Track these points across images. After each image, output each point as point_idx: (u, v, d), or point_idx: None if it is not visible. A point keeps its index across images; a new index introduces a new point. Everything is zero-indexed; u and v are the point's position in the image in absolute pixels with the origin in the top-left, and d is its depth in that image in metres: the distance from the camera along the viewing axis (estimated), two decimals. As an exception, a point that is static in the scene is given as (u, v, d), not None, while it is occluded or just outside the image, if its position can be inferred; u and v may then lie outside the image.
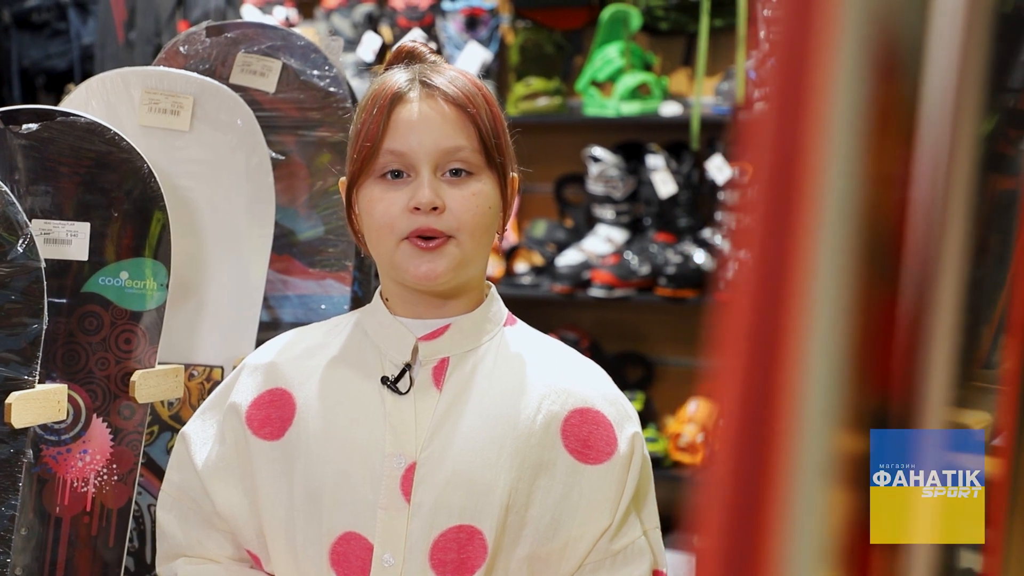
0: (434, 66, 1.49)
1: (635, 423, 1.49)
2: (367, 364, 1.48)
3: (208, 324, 1.90)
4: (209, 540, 1.52)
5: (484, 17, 4.14)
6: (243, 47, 1.98)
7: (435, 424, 1.44)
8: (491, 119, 1.46)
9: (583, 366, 1.52)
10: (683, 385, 3.95)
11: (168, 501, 1.55)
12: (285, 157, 2.00)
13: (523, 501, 1.42)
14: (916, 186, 0.50)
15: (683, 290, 3.79)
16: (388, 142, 1.44)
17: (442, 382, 1.46)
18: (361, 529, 1.42)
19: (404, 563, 1.41)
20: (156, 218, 1.72)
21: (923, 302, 0.49)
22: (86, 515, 1.71)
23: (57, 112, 1.66)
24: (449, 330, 1.48)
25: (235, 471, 1.50)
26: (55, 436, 1.70)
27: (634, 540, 1.46)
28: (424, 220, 1.42)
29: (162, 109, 1.85)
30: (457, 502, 1.41)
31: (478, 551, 1.42)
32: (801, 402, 0.46)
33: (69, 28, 4.27)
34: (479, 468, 1.42)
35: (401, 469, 1.43)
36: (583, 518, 1.44)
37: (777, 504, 0.46)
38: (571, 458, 1.44)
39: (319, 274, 2.02)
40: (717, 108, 3.77)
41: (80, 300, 1.69)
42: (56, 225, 1.68)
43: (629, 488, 1.46)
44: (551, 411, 1.45)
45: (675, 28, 3.95)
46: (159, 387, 1.74)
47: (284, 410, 1.49)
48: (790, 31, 0.49)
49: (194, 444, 1.54)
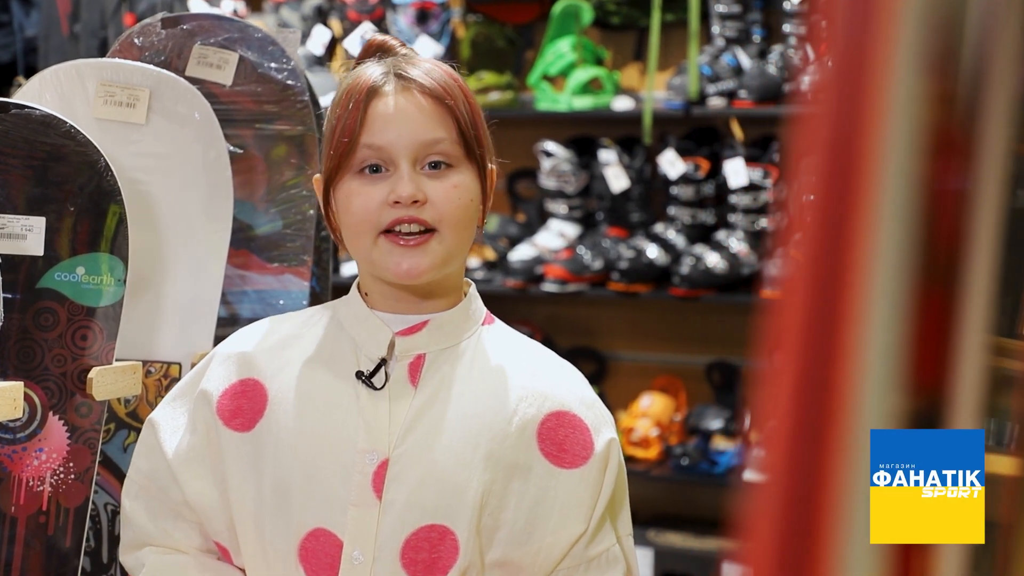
0: (407, 58, 1.47)
1: (612, 428, 1.47)
2: (342, 358, 1.46)
3: (165, 320, 1.87)
4: (176, 530, 1.49)
5: (435, 11, 4.12)
6: (199, 39, 1.95)
7: (409, 421, 1.42)
8: (469, 110, 1.44)
9: (561, 369, 1.50)
10: (636, 380, 3.95)
11: (134, 489, 1.52)
12: (243, 151, 1.97)
13: (496, 503, 1.41)
14: (970, 184, 0.49)
15: (636, 284, 3.79)
16: (365, 136, 1.42)
17: (418, 379, 1.44)
18: (331, 525, 1.41)
19: (374, 561, 1.39)
20: (113, 212, 1.69)
21: (961, 299, 0.48)
22: (42, 514, 1.68)
23: (11, 104, 1.63)
24: (427, 326, 1.46)
25: (205, 461, 1.48)
26: (10, 434, 1.66)
27: (609, 547, 1.45)
28: (405, 212, 1.40)
29: (118, 102, 1.82)
30: (430, 501, 1.40)
31: (450, 551, 1.40)
32: (857, 403, 0.45)
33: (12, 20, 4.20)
34: (452, 467, 1.40)
35: (373, 465, 1.41)
36: (557, 523, 1.42)
37: (832, 507, 0.45)
38: (546, 462, 1.43)
39: (277, 269, 2.00)
40: (669, 103, 3.78)
41: (35, 296, 1.66)
42: (10, 220, 1.64)
43: (605, 494, 1.44)
44: (527, 413, 1.43)
45: (626, 23, 3.95)
46: (117, 384, 1.71)
47: (256, 401, 1.46)
48: (849, 29, 0.48)
49: (163, 431, 1.51)
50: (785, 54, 3.69)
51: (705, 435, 3.84)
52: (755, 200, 3.75)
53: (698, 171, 3.81)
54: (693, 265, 3.70)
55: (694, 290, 3.72)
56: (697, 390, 3.97)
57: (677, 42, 3.90)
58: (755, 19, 3.78)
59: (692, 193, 3.83)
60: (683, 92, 3.73)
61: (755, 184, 3.73)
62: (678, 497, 3.90)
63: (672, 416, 3.92)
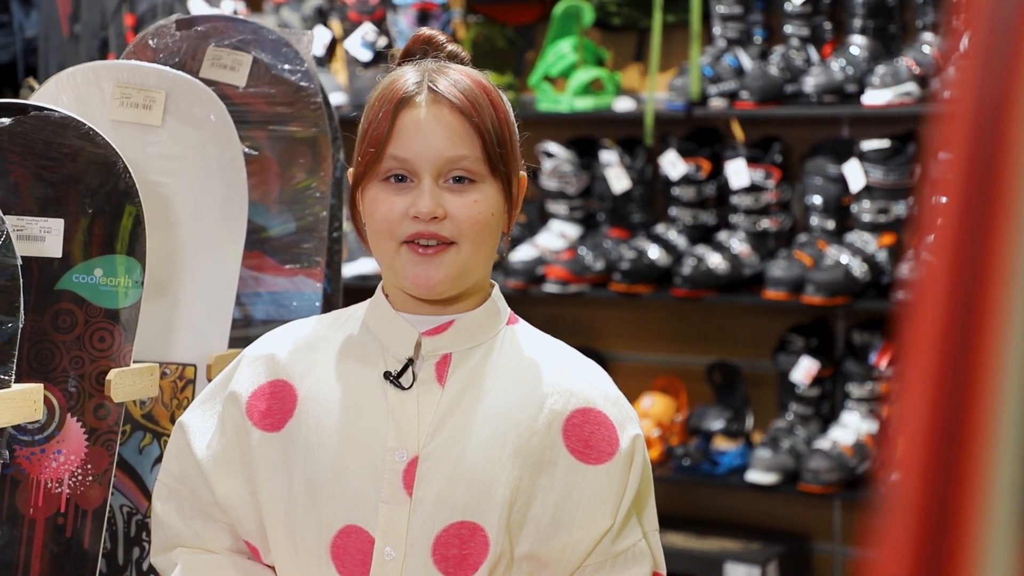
0: (444, 68, 1.47)
1: (636, 424, 1.49)
2: (369, 358, 1.48)
3: (181, 321, 1.87)
4: (207, 531, 1.51)
5: (436, 11, 4.12)
6: (213, 41, 1.95)
7: (438, 420, 1.44)
8: (496, 126, 1.45)
9: (585, 366, 1.52)
10: (637, 380, 3.96)
11: (165, 492, 1.54)
12: (257, 152, 1.97)
13: (525, 499, 1.43)
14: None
15: (637, 285, 3.80)
16: (392, 147, 1.44)
17: (445, 378, 1.46)
18: (362, 522, 1.43)
19: (406, 557, 1.42)
20: (129, 213, 1.69)
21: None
22: (60, 516, 1.68)
23: (30, 106, 1.63)
24: (453, 326, 1.48)
25: (236, 461, 1.50)
26: (28, 436, 1.66)
27: (635, 543, 1.47)
28: (424, 227, 1.43)
29: (134, 104, 1.82)
30: (459, 498, 1.42)
31: (480, 548, 1.42)
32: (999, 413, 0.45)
33: (12, 20, 4.19)
34: (482, 465, 1.43)
35: (403, 463, 1.43)
36: (583, 519, 1.44)
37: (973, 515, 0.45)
38: (572, 458, 1.45)
39: (291, 271, 2.00)
40: (670, 104, 3.79)
41: (53, 298, 1.66)
42: (29, 221, 1.64)
43: (630, 490, 1.46)
44: (553, 410, 1.46)
45: (627, 24, 3.95)
46: (135, 386, 1.71)
47: (285, 402, 1.49)
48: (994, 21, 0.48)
49: (193, 433, 1.53)
50: (786, 55, 3.70)
51: (706, 435, 3.84)
52: (756, 201, 3.76)
53: (699, 172, 3.82)
54: (695, 266, 3.71)
55: (696, 291, 3.72)
56: (698, 391, 3.98)
57: (678, 43, 3.90)
58: (756, 20, 3.79)
59: (693, 194, 3.84)
60: (684, 93, 3.74)
61: (756, 185, 3.74)
62: (679, 497, 3.91)
63: (673, 417, 3.93)
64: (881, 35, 3.62)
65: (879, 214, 3.59)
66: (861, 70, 3.57)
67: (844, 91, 3.57)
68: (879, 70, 3.51)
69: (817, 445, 3.61)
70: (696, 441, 3.85)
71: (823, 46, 3.72)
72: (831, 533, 3.84)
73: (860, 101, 3.54)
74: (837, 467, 3.54)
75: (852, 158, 3.60)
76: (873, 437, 3.63)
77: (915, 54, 3.53)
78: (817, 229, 3.69)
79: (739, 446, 3.83)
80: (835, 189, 3.65)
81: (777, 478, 3.63)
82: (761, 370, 3.89)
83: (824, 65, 3.60)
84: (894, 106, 3.49)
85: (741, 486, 3.71)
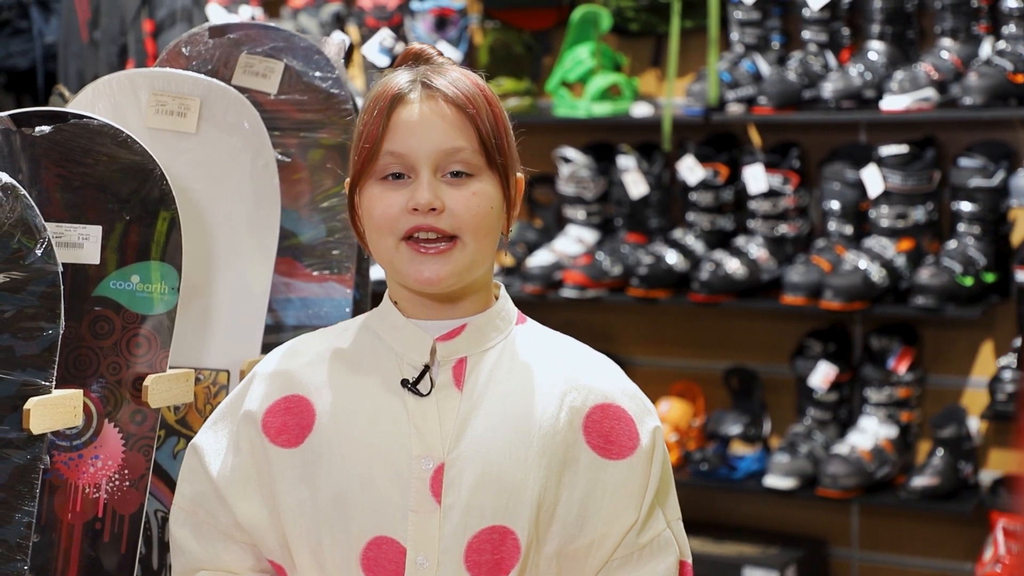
0: (438, 67, 1.48)
1: (654, 417, 1.51)
2: (384, 368, 1.48)
3: (214, 327, 1.88)
4: (227, 553, 1.50)
5: (453, 17, 4.13)
6: (246, 48, 1.96)
7: (460, 424, 1.44)
8: (492, 120, 1.46)
9: (599, 361, 1.53)
10: (654, 385, 3.96)
11: (182, 516, 1.53)
12: (288, 159, 1.99)
13: (552, 499, 1.43)
14: None
15: (655, 290, 3.81)
16: (388, 144, 1.44)
17: (462, 382, 1.46)
18: (392, 532, 1.42)
19: (439, 565, 1.41)
20: (163, 219, 1.70)
21: None
22: (98, 521, 1.69)
23: (70, 114, 1.64)
24: (466, 329, 1.48)
25: (252, 480, 1.49)
26: (66, 442, 1.68)
27: (659, 533, 1.48)
28: (423, 219, 1.43)
29: (169, 111, 1.84)
30: (489, 503, 1.42)
31: (511, 551, 1.42)
32: None
33: (31, 27, 4.21)
34: (509, 467, 1.43)
35: (430, 471, 1.43)
36: (609, 514, 1.45)
37: None
38: (594, 454, 1.46)
39: (321, 276, 2.01)
40: (688, 109, 3.79)
41: (91, 304, 1.67)
42: (68, 228, 1.66)
43: (653, 482, 1.47)
44: (573, 407, 1.46)
45: (645, 29, 3.96)
46: (171, 391, 1.72)
47: (303, 417, 1.48)
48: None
49: (207, 455, 1.52)
50: (804, 60, 3.71)
51: (723, 440, 3.85)
52: (774, 206, 3.77)
53: (717, 177, 3.83)
54: (712, 271, 3.71)
55: (713, 296, 3.73)
56: (715, 396, 3.99)
57: (695, 48, 3.91)
58: (774, 25, 3.80)
59: (711, 199, 3.84)
60: (702, 98, 3.74)
61: (774, 190, 3.75)
62: (697, 502, 3.91)
63: (690, 421, 3.94)
64: (899, 40, 3.63)
65: (897, 219, 3.60)
66: (879, 75, 3.57)
67: (862, 96, 3.57)
68: (897, 75, 3.51)
69: (835, 450, 3.61)
70: (714, 446, 3.86)
71: (841, 51, 3.73)
72: (849, 538, 3.84)
73: (878, 106, 3.55)
74: (855, 472, 3.55)
75: (870, 163, 3.61)
76: (891, 442, 3.63)
77: (933, 59, 3.53)
78: (835, 234, 3.69)
79: (757, 451, 3.83)
80: (853, 194, 3.66)
81: (795, 483, 3.64)
82: (779, 375, 3.89)
83: (842, 70, 3.61)
84: (912, 111, 3.49)
85: (759, 491, 3.72)
